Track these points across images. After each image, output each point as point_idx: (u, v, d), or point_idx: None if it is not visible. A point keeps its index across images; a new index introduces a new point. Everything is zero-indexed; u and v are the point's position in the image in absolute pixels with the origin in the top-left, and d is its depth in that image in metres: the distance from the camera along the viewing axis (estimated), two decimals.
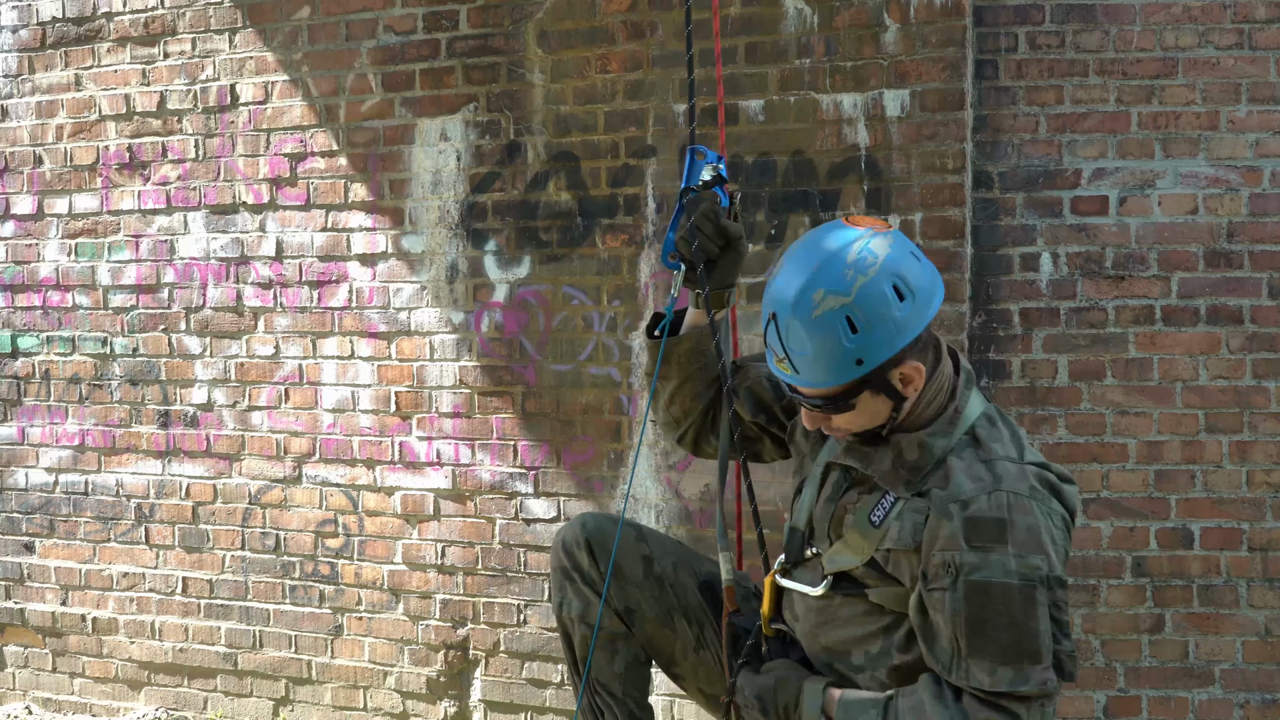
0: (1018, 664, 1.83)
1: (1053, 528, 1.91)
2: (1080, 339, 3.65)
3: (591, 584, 2.34)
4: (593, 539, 2.35)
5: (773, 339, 1.95)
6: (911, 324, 1.91)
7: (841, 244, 1.92)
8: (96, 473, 4.53)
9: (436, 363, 4.09)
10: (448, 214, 4.06)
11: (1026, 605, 1.85)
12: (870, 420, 1.99)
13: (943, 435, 1.99)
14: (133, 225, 4.44)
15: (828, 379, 1.92)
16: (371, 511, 4.20)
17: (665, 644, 2.36)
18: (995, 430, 2.01)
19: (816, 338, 1.89)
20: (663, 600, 2.33)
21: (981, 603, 1.85)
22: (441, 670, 4.12)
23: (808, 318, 1.89)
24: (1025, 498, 1.89)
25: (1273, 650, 3.62)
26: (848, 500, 2.08)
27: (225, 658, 4.39)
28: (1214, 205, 3.59)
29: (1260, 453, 3.60)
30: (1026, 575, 1.85)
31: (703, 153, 2.30)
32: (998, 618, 1.84)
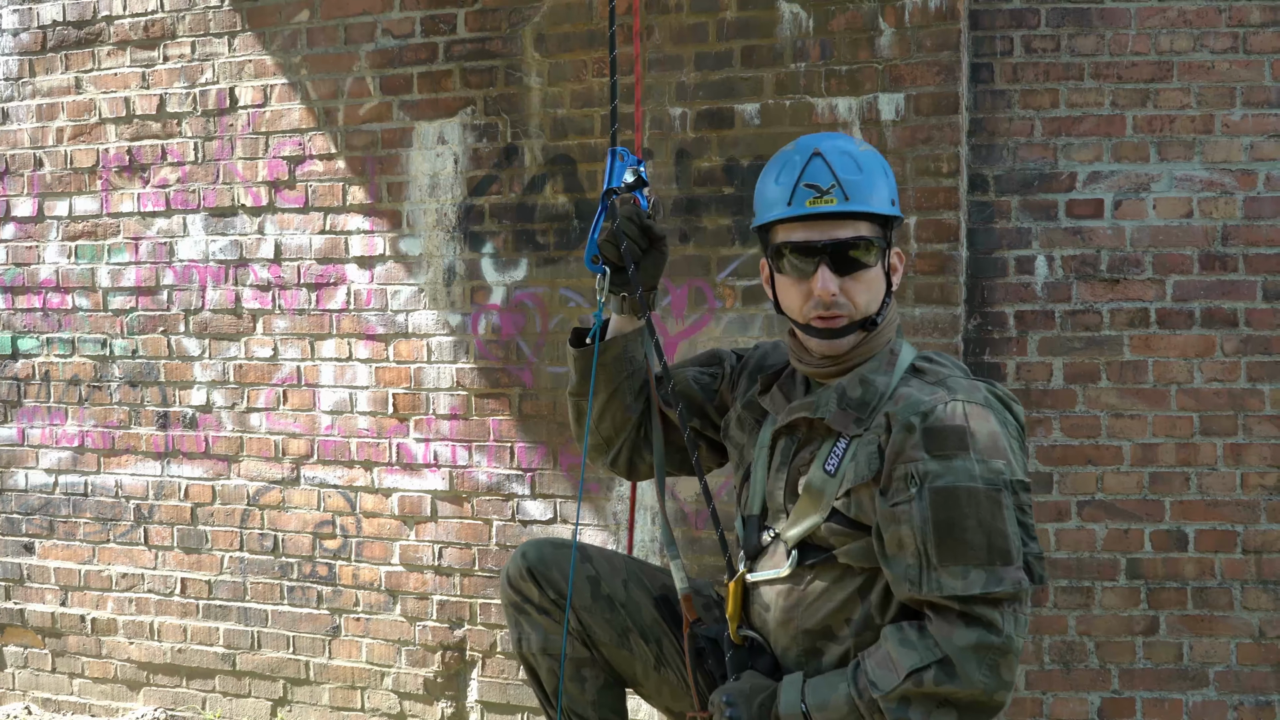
0: (989, 565, 1.82)
1: (1009, 435, 1.92)
2: (1075, 342, 3.64)
3: (545, 612, 2.25)
4: (534, 567, 2.27)
5: (815, 175, 1.98)
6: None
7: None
8: (96, 474, 4.52)
9: (434, 365, 4.09)
10: (445, 217, 4.06)
11: (993, 508, 1.85)
12: (873, 297, 2.02)
13: (883, 373, 2.02)
14: (132, 228, 4.43)
15: (876, 204, 1.99)
16: (369, 513, 4.19)
17: (624, 665, 2.28)
18: (935, 363, 2.04)
19: (867, 164, 2.01)
20: (615, 621, 2.26)
21: (949, 508, 1.85)
22: (438, 671, 4.12)
23: (856, 150, 2.03)
24: (981, 406, 1.91)
25: (1266, 652, 3.61)
26: (799, 462, 2.07)
27: (223, 658, 4.38)
28: (1209, 208, 3.58)
29: (1254, 455, 3.59)
30: (990, 479, 1.85)
31: (623, 154, 2.27)
32: (966, 520, 1.84)
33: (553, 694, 2.28)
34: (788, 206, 2.00)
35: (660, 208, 3.74)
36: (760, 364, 2.27)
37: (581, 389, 2.30)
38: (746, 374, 2.27)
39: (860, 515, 1.97)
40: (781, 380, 2.17)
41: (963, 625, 1.82)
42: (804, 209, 1.98)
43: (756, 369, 2.26)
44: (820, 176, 1.98)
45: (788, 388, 2.15)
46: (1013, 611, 1.84)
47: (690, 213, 3.77)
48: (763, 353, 2.30)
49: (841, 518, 1.98)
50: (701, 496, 3.71)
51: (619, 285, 2.22)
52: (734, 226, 3.73)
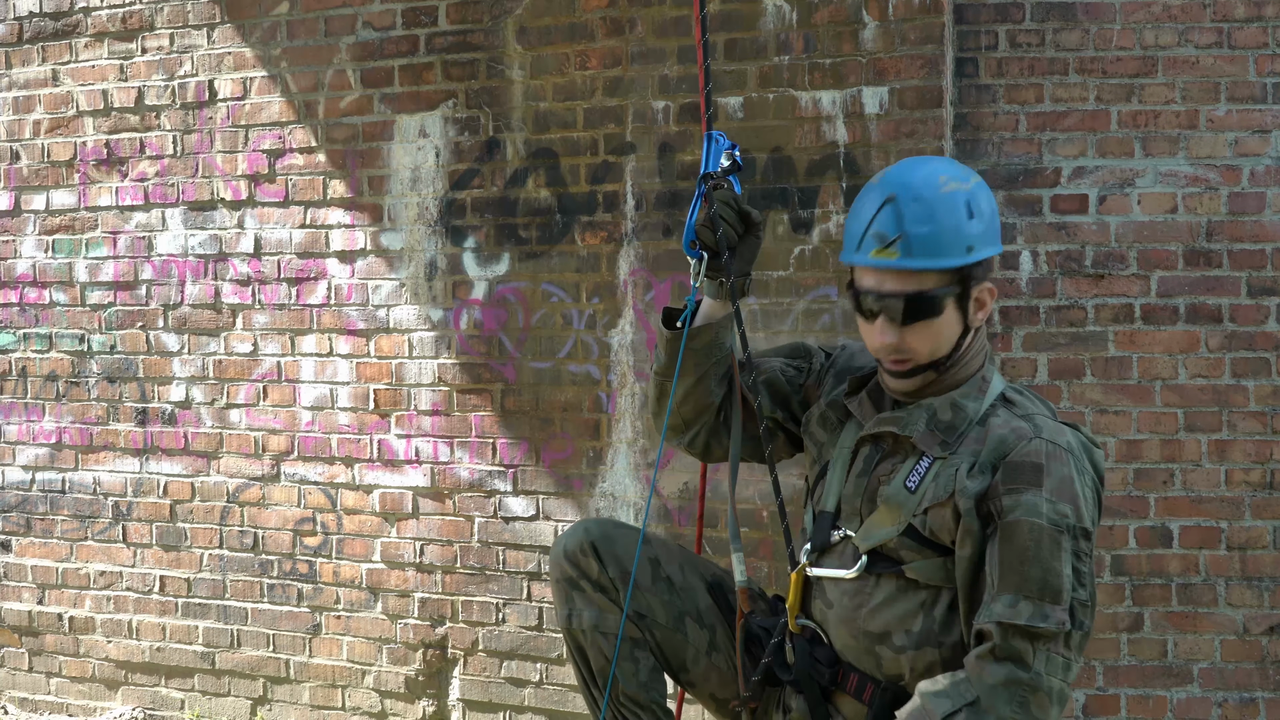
0: (1039, 599, 1.84)
1: (1084, 485, 1.92)
2: (1060, 337, 3.62)
3: (604, 590, 2.21)
4: (599, 543, 2.22)
5: (884, 223, 1.95)
6: (999, 238, 2.03)
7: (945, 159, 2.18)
8: (74, 471, 4.46)
9: (415, 360, 4.04)
10: (427, 211, 4.01)
11: (1053, 547, 1.86)
12: (944, 341, 2.00)
13: (973, 399, 2.03)
14: (110, 222, 4.37)
15: (941, 258, 1.93)
16: (350, 510, 4.14)
17: (677, 649, 2.25)
18: (1025, 397, 2.06)
19: (941, 212, 1.94)
20: (673, 604, 2.24)
21: (1010, 540, 1.88)
22: (420, 669, 4.07)
23: (935, 194, 1.94)
24: (1062, 449, 1.92)
25: (1251, 649, 3.59)
26: (881, 472, 2.07)
27: (203, 657, 4.33)
28: (1193, 204, 3.56)
29: (1239, 451, 3.56)
30: (1055, 520, 1.87)
31: (718, 139, 2.24)
32: (1024, 553, 1.87)
33: (599, 674, 2.24)
34: (856, 251, 2.00)
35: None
36: (848, 365, 2.26)
37: (668, 370, 2.25)
38: (834, 373, 2.26)
39: (934, 534, 1.99)
40: (870, 387, 2.15)
41: (993, 661, 1.83)
42: (867, 259, 1.98)
43: (845, 369, 2.25)
44: (888, 225, 1.95)
45: (876, 396, 2.14)
46: (1047, 651, 1.83)
47: (673, 206, 3.73)
48: (850, 353, 2.29)
49: (916, 534, 2.00)
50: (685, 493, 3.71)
51: (714, 271, 2.19)
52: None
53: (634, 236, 3.77)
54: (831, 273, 3.56)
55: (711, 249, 2.16)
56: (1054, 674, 1.84)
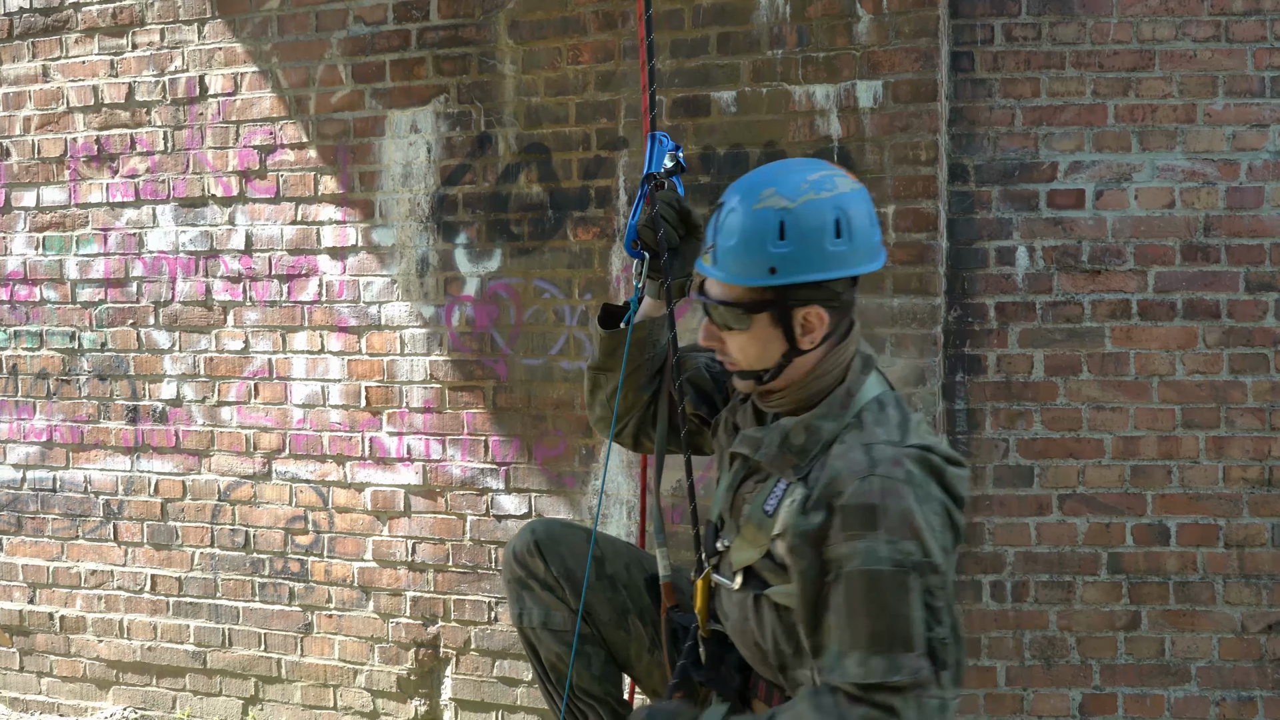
0: (889, 652, 1.71)
1: (929, 514, 1.77)
2: (1056, 333, 3.54)
3: (550, 589, 2.26)
4: (543, 544, 2.27)
5: (710, 226, 1.92)
6: (837, 262, 1.86)
7: (812, 167, 1.92)
8: (64, 469, 4.38)
9: (407, 357, 3.96)
10: (418, 207, 3.93)
11: (897, 591, 1.72)
12: (759, 355, 1.91)
13: (831, 418, 1.90)
14: (101, 218, 4.29)
15: (740, 274, 1.86)
16: (342, 508, 4.07)
17: (621, 645, 2.28)
18: (883, 414, 1.90)
19: (747, 229, 1.85)
20: (616, 601, 2.27)
21: (852, 592, 1.75)
22: (412, 668, 3.99)
23: (749, 209, 1.86)
24: (900, 482, 1.76)
25: (1249, 647, 3.52)
26: (745, 490, 2.00)
27: (194, 656, 4.25)
28: (1191, 199, 3.49)
29: (1237, 448, 3.49)
30: (898, 561, 1.72)
31: (662, 139, 2.21)
32: (869, 605, 1.73)
33: (551, 669, 2.28)
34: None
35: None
36: None
37: (604, 364, 2.25)
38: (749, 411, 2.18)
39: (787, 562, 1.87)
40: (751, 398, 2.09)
41: (864, 708, 1.72)
42: (699, 263, 1.97)
43: None
44: (710, 231, 1.93)
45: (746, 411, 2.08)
46: (917, 699, 1.71)
47: None
48: None
49: (773, 560, 1.90)
50: (679, 491, 3.63)
51: (656, 271, 2.16)
52: (709, 215, 3.61)
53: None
54: None
55: (653, 249, 2.14)
56: (928, 717, 1.72)
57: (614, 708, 2.29)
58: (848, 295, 1.92)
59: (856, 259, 1.86)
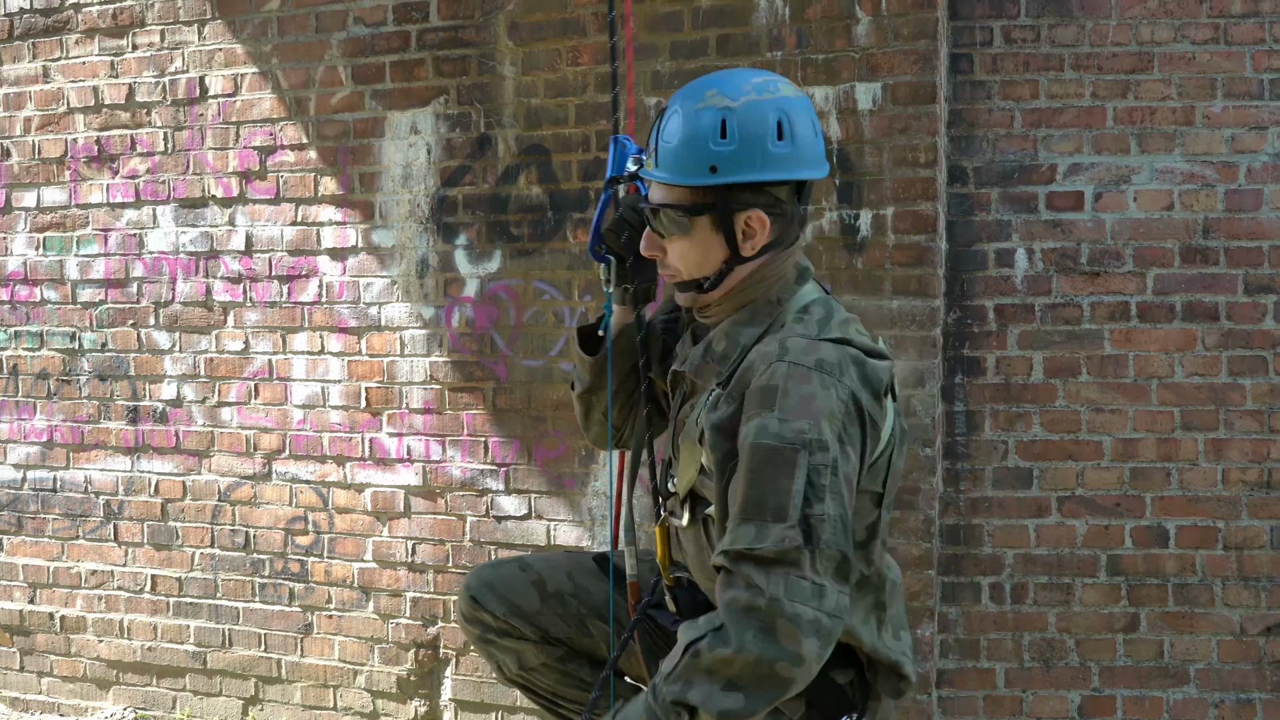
0: (760, 520, 1.68)
1: (834, 399, 1.73)
2: (1055, 335, 3.52)
3: (508, 634, 2.26)
4: (477, 595, 2.27)
5: (653, 132, 1.90)
6: (780, 165, 1.82)
7: (755, 73, 1.90)
8: (65, 469, 4.36)
9: (407, 358, 3.94)
10: (418, 208, 3.91)
11: (781, 465, 1.69)
12: (699, 262, 1.90)
13: (751, 324, 1.90)
14: (101, 219, 4.27)
15: (681, 174, 1.84)
16: (342, 509, 4.04)
17: (589, 649, 2.29)
18: (806, 315, 1.89)
19: (689, 128, 1.83)
20: (569, 614, 2.27)
21: (741, 466, 1.73)
22: (412, 669, 3.97)
23: (691, 109, 1.84)
24: (808, 369, 1.74)
25: (1247, 650, 3.50)
26: (682, 414, 2.00)
27: (194, 656, 4.23)
28: (1190, 201, 3.47)
29: (1236, 450, 3.47)
30: (787, 438, 1.69)
31: (624, 143, 2.16)
32: (751, 475, 1.71)
33: (556, 697, 2.30)
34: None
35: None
36: None
37: (593, 386, 2.23)
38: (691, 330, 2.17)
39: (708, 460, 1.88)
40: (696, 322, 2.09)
41: (727, 586, 1.70)
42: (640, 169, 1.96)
43: None
44: (653, 135, 1.91)
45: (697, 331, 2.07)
46: (785, 575, 1.66)
47: None
48: None
49: (705, 471, 1.89)
50: None
51: (624, 276, 2.13)
52: None
53: None
54: (825, 270, 3.46)
55: (617, 253, 2.11)
56: (799, 599, 1.65)
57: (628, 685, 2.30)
58: (791, 205, 1.89)
59: (799, 163, 1.84)
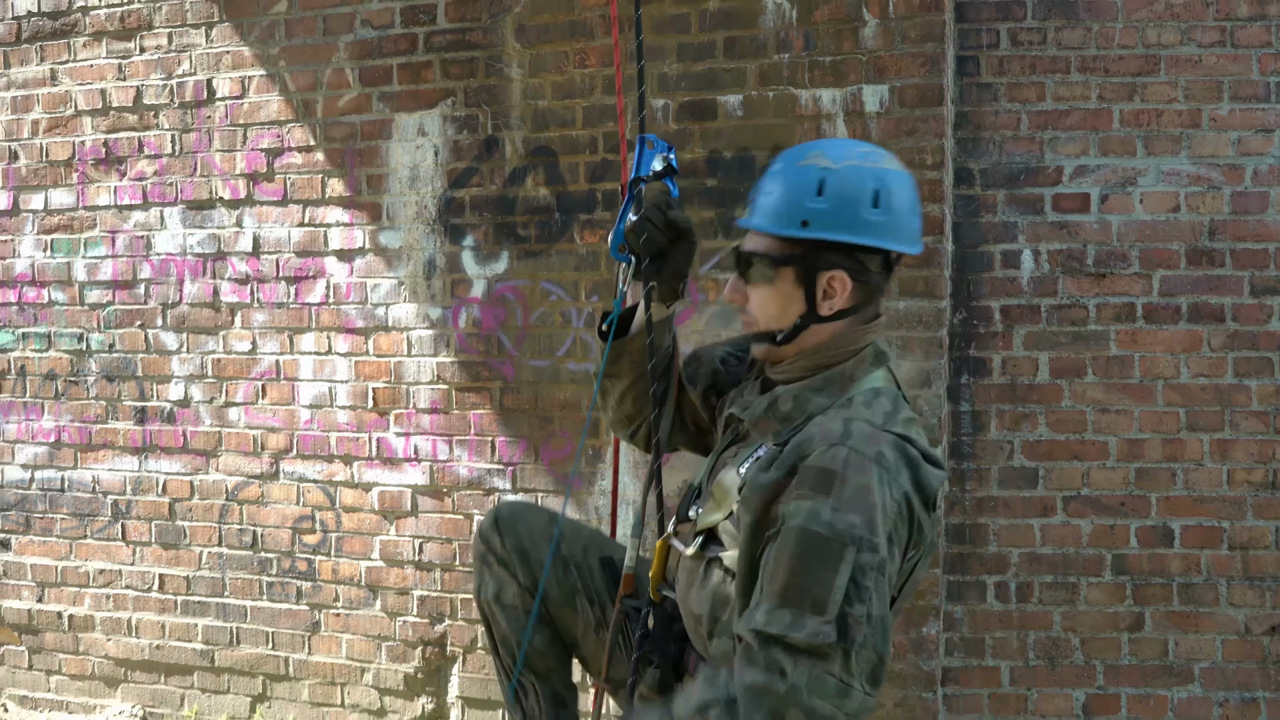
0: (798, 608, 1.64)
1: (888, 498, 1.69)
2: (1061, 336, 3.49)
3: (505, 564, 2.28)
4: (503, 523, 2.30)
5: (754, 187, 1.93)
6: (871, 231, 1.82)
7: (864, 144, 1.94)
8: (73, 469, 4.33)
9: (414, 358, 3.91)
10: (425, 209, 3.88)
11: (827, 556, 1.65)
12: (777, 314, 1.89)
13: (822, 394, 1.87)
14: (109, 221, 4.23)
15: (773, 224, 1.86)
16: (349, 508, 4.02)
17: (569, 624, 2.28)
18: (876, 400, 1.85)
19: (787, 183, 1.86)
20: (566, 582, 2.27)
21: (784, 547, 1.69)
22: (419, 666, 3.94)
23: (792, 165, 1.87)
24: (868, 459, 1.70)
25: (1252, 649, 3.48)
26: (727, 455, 1.99)
27: (202, 655, 4.20)
28: (1195, 203, 3.44)
29: (1241, 451, 3.45)
30: (840, 530, 1.65)
31: (653, 142, 2.13)
32: (795, 562, 1.67)
33: (501, 641, 2.31)
34: None
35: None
36: None
37: (610, 371, 2.23)
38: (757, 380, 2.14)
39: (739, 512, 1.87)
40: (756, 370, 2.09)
41: (749, 664, 1.67)
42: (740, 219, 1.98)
43: None
44: (754, 190, 1.94)
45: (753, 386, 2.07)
46: (812, 667, 1.62)
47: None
48: None
49: (733, 520, 1.87)
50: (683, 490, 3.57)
51: (640, 275, 2.11)
52: (716, 220, 3.56)
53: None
54: None
55: (637, 253, 2.09)
56: (818, 694, 1.62)
57: (555, 690, 2.29)
58: (877, 276, 1.88)
59: (891, 234, 1.83)
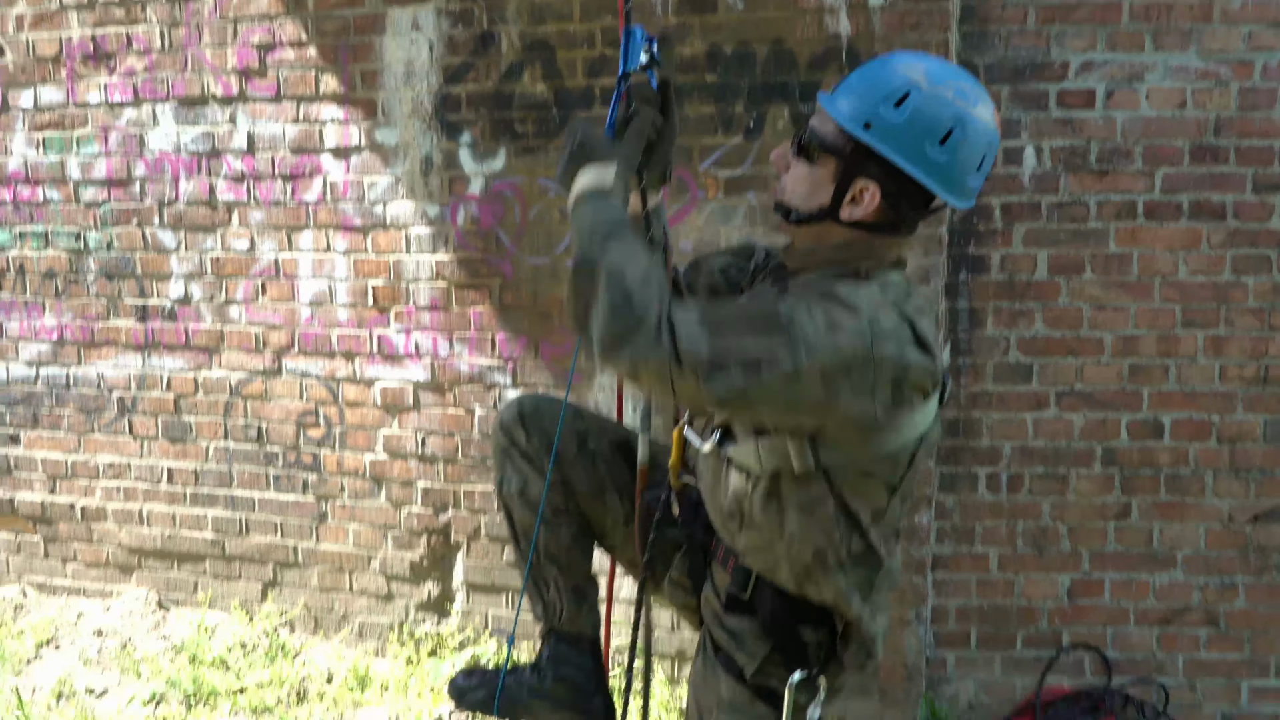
0: (717, 328, 1.60)
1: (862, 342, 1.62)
2: (1061, 233, 3.44)
3: (529, 459, 2.23)
4: (528, 416, 2.24)
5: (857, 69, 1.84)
6: (926, 166, 1.72)
7: (975, 84, 1.77)
8: (77, 366, 4.30)
9: (413, 256, 3.85)
10: (421, 106, 3.76)
11: (770, 307, 1.62)
12: (804, 195, 1.82)
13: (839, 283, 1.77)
14: (101, 118, 4.11)
15: (839, 111, 1.76)
16: (352, 403, 4.01)
17: (598, 517, 2.25)
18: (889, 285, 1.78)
19: (871, 79, 1.76)
20: (594, 476, 2.23)
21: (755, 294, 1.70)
22: (424, 554, 4.00)
23: (890, 66, 1.77)
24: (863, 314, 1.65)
25: (1234, 537, 3.53)
26: None
27: (213, 544, 4.25)
28: (1203, 99, 3.34)
29: (1235, 347, 3.44)
30: (807, 305, 1.62)
31: (636, 33, 2.02)
32: (751, 301, 1.68)
33: (523, 534, 2.28)
34: None
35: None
36: None
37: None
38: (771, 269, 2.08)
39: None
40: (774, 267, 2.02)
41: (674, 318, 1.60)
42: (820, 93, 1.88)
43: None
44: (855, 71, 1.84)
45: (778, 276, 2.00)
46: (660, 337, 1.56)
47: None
48: None
49: None
50: None
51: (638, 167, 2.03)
52: (716, 115, 3.47)
53: None
54: None
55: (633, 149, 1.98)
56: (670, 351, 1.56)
57: (576, 583, 2.27)
58: (911, 209, 1.79)
59: (945, 178, 1.73)
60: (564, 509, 2.23)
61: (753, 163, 3.43)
